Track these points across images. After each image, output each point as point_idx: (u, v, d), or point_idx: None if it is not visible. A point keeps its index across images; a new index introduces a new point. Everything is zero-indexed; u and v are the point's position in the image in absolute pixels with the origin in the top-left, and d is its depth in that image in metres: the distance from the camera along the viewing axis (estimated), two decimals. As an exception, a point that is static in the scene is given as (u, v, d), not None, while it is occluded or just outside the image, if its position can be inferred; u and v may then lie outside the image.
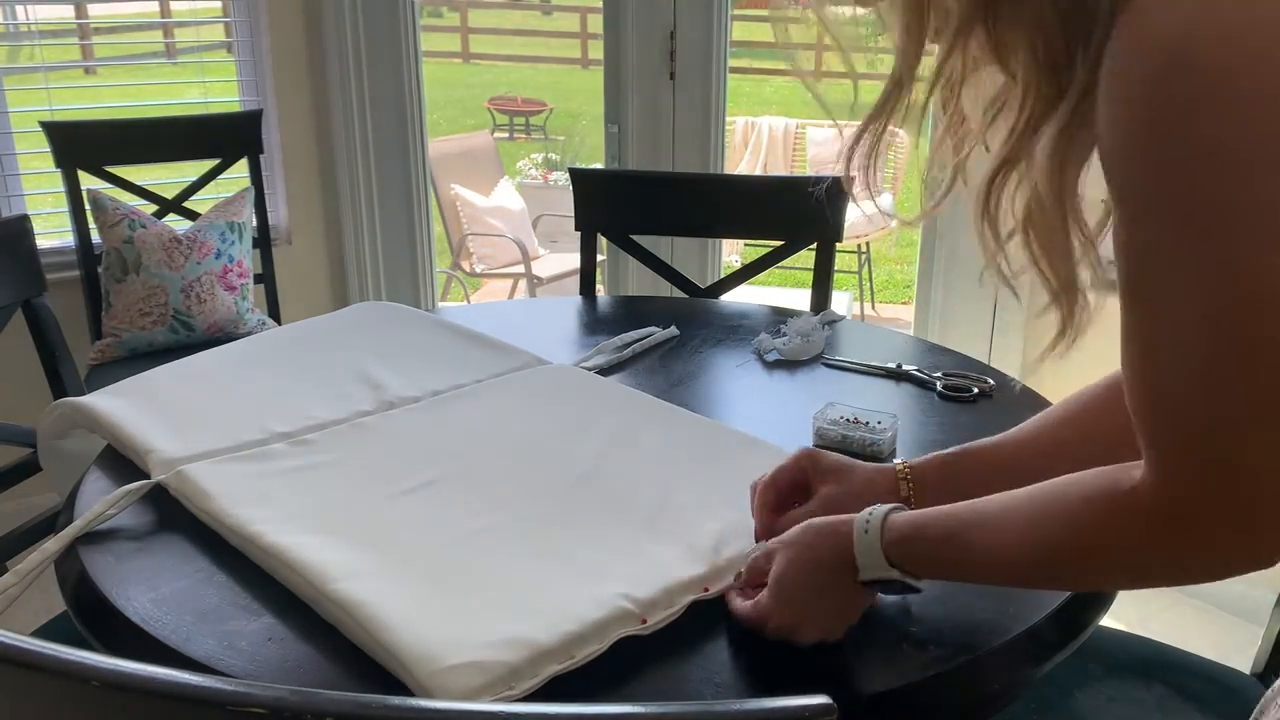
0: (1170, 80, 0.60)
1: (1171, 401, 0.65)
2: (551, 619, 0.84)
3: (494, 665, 0.79)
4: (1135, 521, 0.68)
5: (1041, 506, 0.74)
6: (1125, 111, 0.63)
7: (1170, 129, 0.61)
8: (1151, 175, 0.63)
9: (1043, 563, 0.75)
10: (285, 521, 1.00)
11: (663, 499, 1.05)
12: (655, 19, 2.61)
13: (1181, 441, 0.65)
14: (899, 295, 5.62)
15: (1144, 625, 2.31)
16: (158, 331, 2.39)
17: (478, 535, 0.99)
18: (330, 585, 0.89)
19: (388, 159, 2.85)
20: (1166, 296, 0.64)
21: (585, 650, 0.82)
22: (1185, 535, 0.67)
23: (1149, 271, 0.65)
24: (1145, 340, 0.66)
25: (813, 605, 0.83)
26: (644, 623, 0.86)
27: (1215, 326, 0.62)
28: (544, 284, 4.81)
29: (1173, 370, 0.65)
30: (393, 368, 1.38)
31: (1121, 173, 0.65)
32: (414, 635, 0.82)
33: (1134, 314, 0.66)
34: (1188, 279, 0.62)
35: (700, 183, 2.20)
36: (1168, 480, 0.66)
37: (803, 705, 0.53)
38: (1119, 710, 1.18)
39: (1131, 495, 0.68)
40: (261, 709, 0.50)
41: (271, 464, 1.13)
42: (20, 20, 2.84)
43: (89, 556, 0.99)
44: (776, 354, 1.52)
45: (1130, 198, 0.65)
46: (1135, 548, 0.70)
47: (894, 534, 0.80)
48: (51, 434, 1.29)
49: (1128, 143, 0.64)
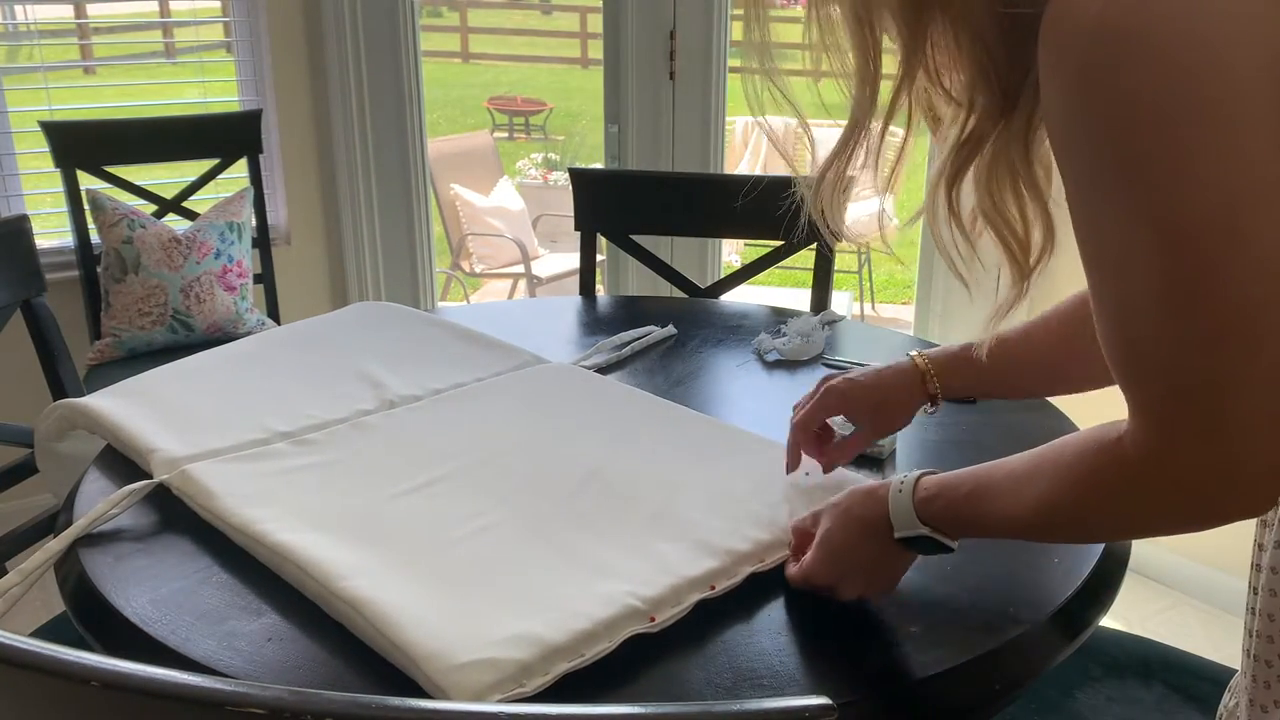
0: (1093, 49, 0.64)
1: (1142, 354, 0.68)
2: (561, 617, 0.84)
3: (506, 663, 0.79)
4: (1124, 473, 0.71)
5: (1043, 462, 0.78)
6: (1058, 86, 0.67)
7: (1095, 94, 0.65)
8: (1086, 143, 0.67)
9: (1046, 517, 0.78)
10: (290, 520, 1.00)
11: (667, 496, 1.05)
12: (655, 19, 2.61)
13: (1158, 392, 0.68)
14: (899, 295, 5.62)
15: (1144, 625, 2.31)
16: (157, 332, 2.39)
17: (483, 533, 0.99)
18: (339, 583, 0.89)
19: (387, 159, 2.85)
20: (1119, 256, 0.67)
21: (595, 648, 0.82)
22: (1172, 484, 0.69)
23: (1098, 235, 0.68)
24: (1109, 300, 0.69)
25: (853, 562, 0.89)
26: (652, 621, 0.86)
27: (1166, 279, 0.65)
28: (544, 284, 4.81)
29: (1137, 324, 0.67)
30: (393, 367, 1.38)
31: (1062, 146, 0.69)
32: (425, 633, 0.82)
33: (1095, 279, 0.70)
34: (1133, 235, 0.66)
35: (700, 183, 2.20)
36: (1149, 431, 0.68)
37: (803, 705, 0.53)
38: (1119, 710, 1.18)
39: (1118, 446, 0.71)
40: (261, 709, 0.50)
41: (274, 463, 1.13)
42: (20, 20, 2.84)
43: (88, 557, 0.99)
44: (776, 354, 1.52)
45: (1074, 171, 0.69)
46: (1126, 499, 0.72)
47: (924, 493, 0.85)
48: (49, 436, 1.29)
49: (1063, 114, 0.68)
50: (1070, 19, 0.66)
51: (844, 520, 0.89)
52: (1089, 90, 0.65)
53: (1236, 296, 0.64)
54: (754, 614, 0.91)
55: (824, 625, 0.90)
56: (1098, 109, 0.65)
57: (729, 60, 2.68)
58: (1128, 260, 0.67)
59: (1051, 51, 0.68)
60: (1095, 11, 0.64)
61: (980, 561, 0.98)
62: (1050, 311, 1.04)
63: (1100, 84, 0.65)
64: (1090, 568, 0.97)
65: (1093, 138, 0.67)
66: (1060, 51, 0.67)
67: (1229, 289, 0.64)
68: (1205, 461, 0.67)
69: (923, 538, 0.85)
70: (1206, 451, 0.66)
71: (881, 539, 0.87)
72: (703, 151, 2.70)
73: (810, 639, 0.88)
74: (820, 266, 1.91)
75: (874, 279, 5.43)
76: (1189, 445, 0.67)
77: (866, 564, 0.89)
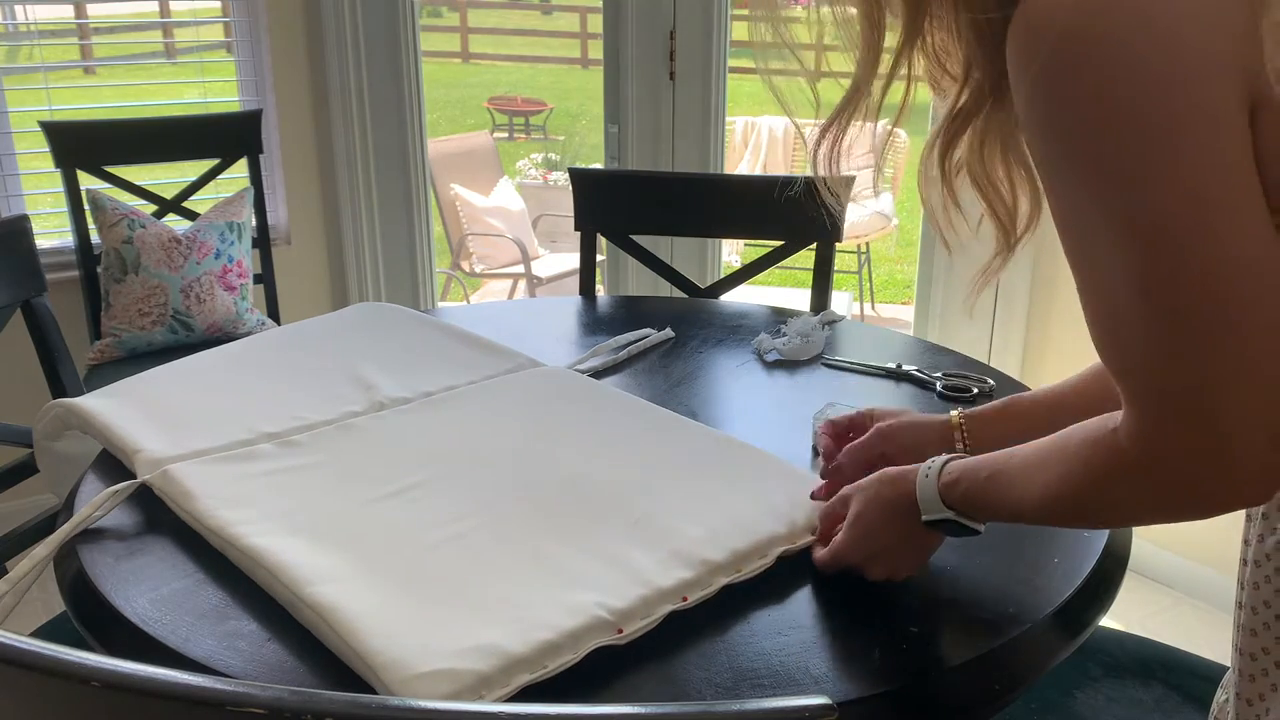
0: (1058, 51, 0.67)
1: (1126, 349, 0.69)
2: (526, 627, 0.83)
3: (464, 673, 0.78)
4: (1120, 464, 0.72)
5: (1052, 450, 0.79)
6: (1026, 86, 0.70)
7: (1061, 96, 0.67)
8: (1056, 144, 0.69)
9: (1053, 505, 0.80)
10: (266, 523, 0.99)
11: (647, 504, 1.04)
12: (655, 19, 2.61)
13: (1145, 385, 0.69)
14: (899, 295, 5.62)
15: (1144, 625, 2.31)
16: (157, 332, 2.39)
17: (457, 539, 0.98)
18: (306, 589, 0.88)
19: (387, 159, 2.85)
20: (1096, 254, 0.69)
21: (558, 660, 0.82)
22: (1164, 475, 0.70)
23: (1077, 232, 0.70)
24: (1094, 296, 0.71)
25: (882, 543, 0.92)
26: (620, 633, 0.85)
27: (1142, 278, 0.66)
28: (543, 284, 4.81)
29: (1120, 320, 0.69)
30: (386, 369, 1.37)
31: (1032, 144, 0.72)
32: (386, 641, 0.82)
33: (1080, 275, 0.71)
34: (1107, 234, 0.67)
35: (700, 183, 2.20)
36: (1142, 425, 0.69)
37: (802, 705, 0.53)
38: (1119, 710, 1.18)
39: (1113, 438, 0.72)
40: (261, 709, 0.50)
41: (257, 465, 1.12)
42: (20, 20, 2.84)
43: (88, 557, 0.99)
44: (776, 354, 1.52)
45: (1046, 170, 0.72)
46: (1121, 488, 0.74)
47: (948, 477, 0.88)
48: (46, 435, 1.28)
49: (1031, 114, 0.70)
50: (1036, 20, 0.68)
51: (874, 503, 0.92)
52: (1054, 92, 0.67)
53: (1215, 294, 0.65)
54: (754, 614, 0.91)
55: (824, 625, 0.90)
56: (1064, 111, 0.67)
57: (729, 60, 2.68)
58: (1104, 258, 0.68)
59: (1019, 52, 0.70)
60: (1061, 15, 0.66)
61: (980, 562, 0.98)
62: (1084, 372, 1.05)
63: (1065, 86, 0.67)
64: (1090, 568, 0.97)
65: (1061, 139, 0.69)
66: (1027, 52, 0.69)
67: (1206, 287, 0.65)
68: (1195, 453, 0.68)
69: (948, 520, 0.88)
70: (1195, 443, 0.67)
71: (909, 521, 0.90)
72: (702, 151, 2.70)
73: (810, 639, 0.88)
74: (820, 266, 1.91)
75: (874, 279, 5.43)
76: (1178, 437, 0.68)
77: (895, 545, 0.92)
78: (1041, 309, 2.58)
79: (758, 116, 6.31)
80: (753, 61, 0.87)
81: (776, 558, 0.97)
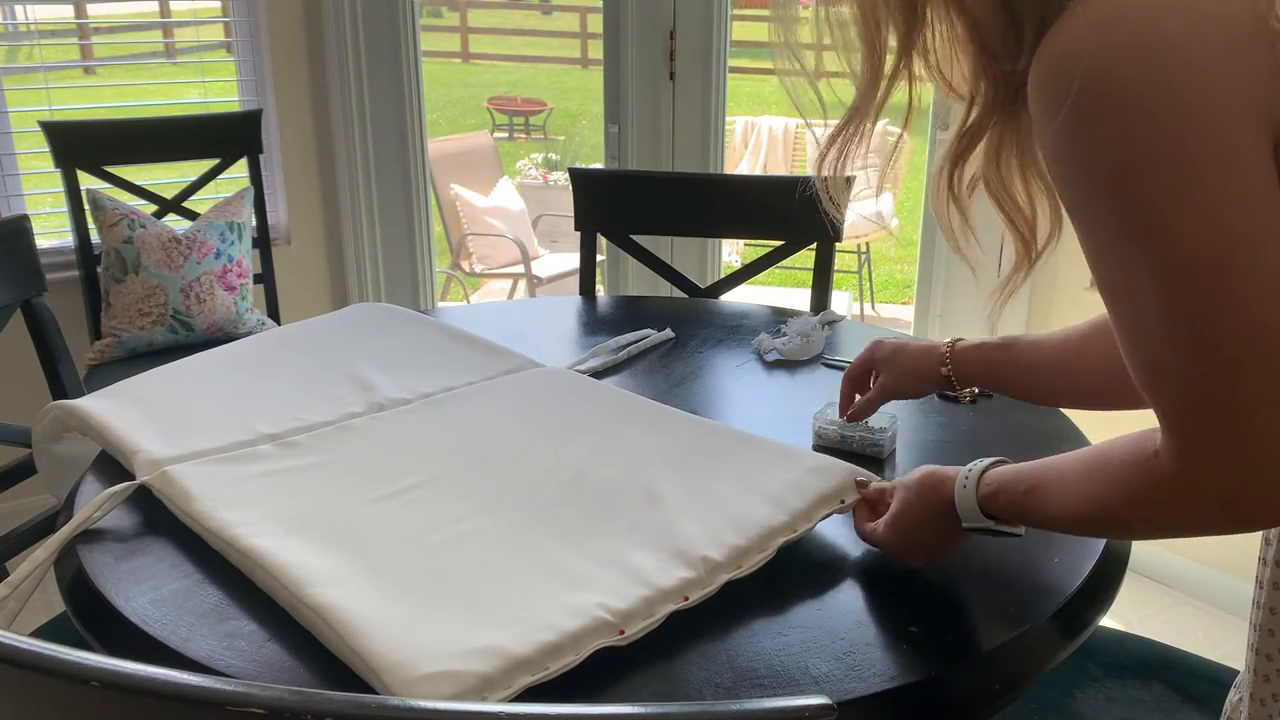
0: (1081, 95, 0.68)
1: (1161, 376, 0.70)
2: (528, 629, 0.83)
3: (466, 675, 0.78)
4: (1161, 484, 0.73)
5: (1092, 467, 0.81)
6: (1047, 124, 0.71)
7: (1083, 139, 0.69)
8: (1080, 185, 0.71)
9: (1093, 519, 0.82)
10: (265, 524, 0.99)
11: (648, 504, 1.04)
12: (655, 19, 2.61)
13: (1180, 411, 0.70)
14: (899, 295, 5.62)
15: (1144, 625, 2.31)
16: (157, 332, 2.39)
17: (458, 540, 0.98)
18: (306, 591, 0.88)
19: (387, 159, 2.85)
20: (1125, 288, 0.71)
21: (560, 661, 0.81)
22: (1205, 496, 0.71)
23: (1105, 266, 0.72)
24: (1127, 328, 0.72)
25: (919, 541, 0.97)
26: (621, 634, 0.85)
27: (1170, 313, 0.68)
28: (544, 284, 4.81)
29: (1153, 348, 0.70)
30: (385, 369, 1.37)
31: (1057, 182, 0.74)
32: (387, 643, 0.81)
33: (1109, 304, 0.73)
34: (1134, 272, 0.69)
35: (700, 183, 2.20)
36: (1180, 448, 0.70)
37: (802, 705, 0.53)
38: (1119, 710, 1.18)
39: (1154, 460, 0.73)
40: (261, 709, 0.50)
41: (256, 466, 1.12)
42: (20, 20, 2.84)
43: (88, 557, 0.99)
44: (776, 354, 1.52)
45: (1071, 206, 0.73)
46: (1164, 509, 0.75)
47: (986, 490, 0.90)
48: (45, 437, 1.28)
49: (1055, 153, 0.72)
50: (1061, 65, 0.69)
51: (914, 506, 0.96)
52: (1077, 134, 0.69)
53: (1244, 327, 0.66)
54: (754, 614, 0.91)
55: (824, 625, 0.90)
56: (1086, 155, 0.69)
57: (729, 60, 2.68)
58: (1134, 290, 0.70)
59: (1042, 90, 0.71)
60: (1084, 61, 0.68)
61: (980, 562, 0.99)
62: (1071, 328, 1.08)
63: (1090, 131, 0.68)
64: (1090, 568, 0.98)
65: (1085, 181, 0.70)
66: (1052, 94, 0.70)
67: (1233, 321, 0.66)
68: (1234, 476, 0.69)
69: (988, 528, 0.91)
70: (1233, 467, 0.68)
71: (947, 524, 0.93)
72: (702, 151, 2.70)
73: (810, 639, 0.88)
74: (820, 266, 1.91)
75: (874, 279, 5.43)
76: (1216, 461, 0.69)
77: (932, 543, 0.96)
78: (1041, 309, 2.59)
79: (758, 116, 6.31)
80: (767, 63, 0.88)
81: (777, 549, 0.97)
